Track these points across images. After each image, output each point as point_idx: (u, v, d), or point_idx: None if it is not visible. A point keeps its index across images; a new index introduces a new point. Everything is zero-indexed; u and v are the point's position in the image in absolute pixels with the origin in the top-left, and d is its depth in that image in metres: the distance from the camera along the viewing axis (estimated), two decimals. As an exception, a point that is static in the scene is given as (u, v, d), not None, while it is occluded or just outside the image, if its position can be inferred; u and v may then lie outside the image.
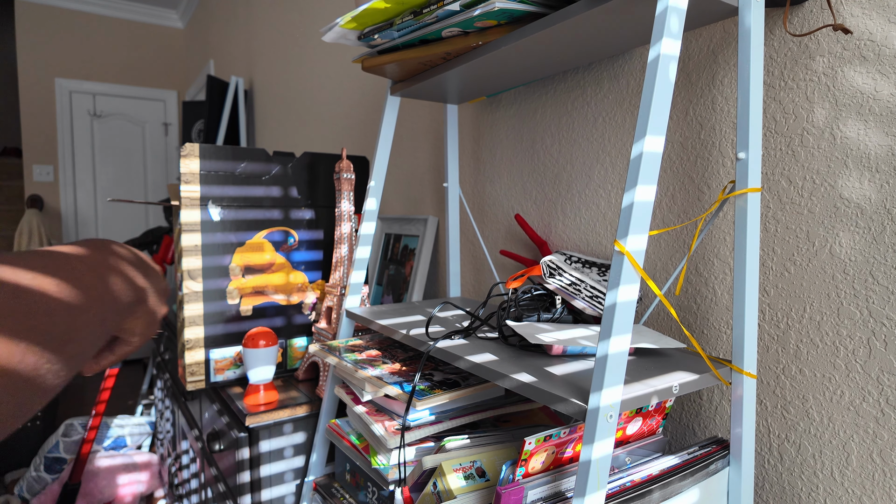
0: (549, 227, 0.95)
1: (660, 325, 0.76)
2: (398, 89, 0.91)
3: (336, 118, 1.79)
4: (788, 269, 0.62)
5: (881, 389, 0.55)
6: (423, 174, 1.31)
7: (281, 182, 1.11)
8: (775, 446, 0.64)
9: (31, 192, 3.56)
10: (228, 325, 1.06)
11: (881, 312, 0.54)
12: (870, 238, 0.55)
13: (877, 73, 0.54)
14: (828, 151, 0.59)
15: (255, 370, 0.95)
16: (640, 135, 0.47)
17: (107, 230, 3.81)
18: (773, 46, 0.63)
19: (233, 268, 1.06)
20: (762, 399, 0.65)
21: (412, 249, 1.24)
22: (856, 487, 0.57)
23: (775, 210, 0.64)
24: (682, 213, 0.74)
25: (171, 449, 1.64)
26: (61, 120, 3.65)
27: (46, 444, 1.89)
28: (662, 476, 0.54)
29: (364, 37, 0.78)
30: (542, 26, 0.63)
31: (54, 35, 3.64)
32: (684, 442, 0.74)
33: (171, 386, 1.58)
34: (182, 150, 1.01)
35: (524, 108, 1.00)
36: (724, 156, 0.69)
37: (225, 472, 1.01)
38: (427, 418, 0.71)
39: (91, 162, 3.76)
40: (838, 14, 0.57)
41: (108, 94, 3.82)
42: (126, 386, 3.21)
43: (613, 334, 0.45)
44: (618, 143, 0.82)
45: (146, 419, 2.12)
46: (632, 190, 0.46)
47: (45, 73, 3.62)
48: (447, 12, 0.65)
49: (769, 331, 0.64)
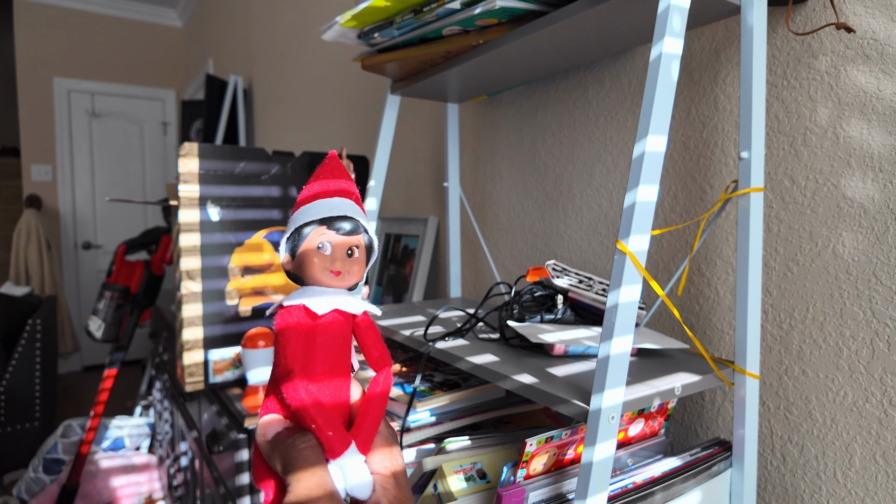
0: (551, 227, 0.95)
1: (662, 326, 0.76)
2: (398, 88, 0.91)
3: (336, 117, 1.78)
4: (791, 270, 0.62)
5: (884, 390, 0.54)
6: (424, 174, 1.31)
7: (280, 182, 1.11)
8: (778, 448, 0.64)
9: (30, 192, 3.55)
10: (227, 326, 1.06)
11: (884, 313, 0.54)
12: (873, 238, 0.55)
13: (880, 73, 0.54)
14: (831, 151, 0.58)
15: (254, 371, 0.94)
16: (642, 134, 0.46)
17: (105, 230, 3.80)
18: (776, 45, 0.63)
19: (232, 268, 1.06)
20: (765, 400, 0.65)
21: (412, 249, 1.23)
22: (859, 489, 0.57)
23: (778, 210, 0.63)
24: (685, 213, 0.73)
25: (169, 450, 1.63)
26: (60, 119, 3.64)
27: (45, 445, 1.89)
28: (664, 478, 0.54)
29: (364, 35, 0.77)
30: (543, 25, 0.62)
31: (53, 34, 3.63)
32: (686, 443, 0.74)
33: (169, 387, 1.58)
34: (181, 150, 1.00)
35: (525, 107, 1.00)
36: (726, 155, 0.68)
37: (224, 473, 1.00)
38: (427, 419, 0.70)
39: (89, 161, 3.75)
40: (841, 13, 0.57)
41: (107, 94, 3.81)
42: (125, 387, 3.21)
43: (615, 335, 0.45)
44: (619, 142, 0.82)
45: (145, 420, 2.12)
46: (634, 189, 0.46)
47: (43, 73, 3.61)
48: (448, 10, 0.65)
49: (772, 331, 0.64)
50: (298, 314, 0.26)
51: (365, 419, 0.27)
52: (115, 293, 1.76)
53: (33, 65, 3.57)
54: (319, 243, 0.26)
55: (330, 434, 0.25)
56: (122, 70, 3.88)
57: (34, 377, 2.26)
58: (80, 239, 3.73)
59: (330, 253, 0.26)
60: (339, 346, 0.27)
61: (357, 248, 0.27)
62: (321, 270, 0.26)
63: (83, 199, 3.73)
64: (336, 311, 0.27)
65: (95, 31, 3.78)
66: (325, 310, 0.26)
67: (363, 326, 0.28)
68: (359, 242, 0.27)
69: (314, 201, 0.27)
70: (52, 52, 3.63)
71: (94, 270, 3.77)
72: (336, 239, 0.26)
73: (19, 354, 2.22)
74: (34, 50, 3.58)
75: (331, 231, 0.26)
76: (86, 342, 3.76)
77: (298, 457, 0.25)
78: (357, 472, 0.25)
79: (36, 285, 3.36)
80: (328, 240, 0.26)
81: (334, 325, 0.27)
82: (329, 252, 0.26)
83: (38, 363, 2.27)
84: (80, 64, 3.72)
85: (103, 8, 3.78)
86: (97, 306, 1.77)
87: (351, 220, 0.26)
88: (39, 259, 3.38)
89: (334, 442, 0.25)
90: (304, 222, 0.26)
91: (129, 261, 1.81)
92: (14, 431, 2.20)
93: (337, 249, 0.26)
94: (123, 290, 1.76)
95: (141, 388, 2.49)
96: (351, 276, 0.27)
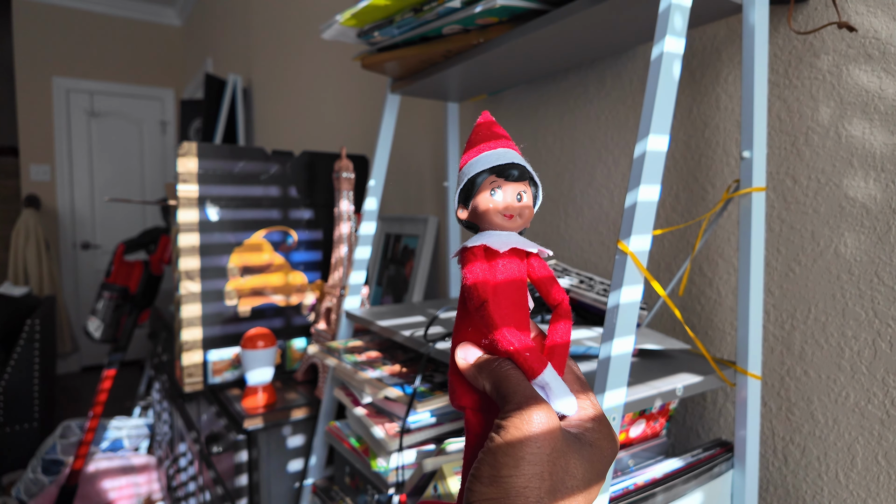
0: (551, 227, 0.95)
1: (663, 326, 0.76)
2: (398, 87, 0.90)
3: (335, 117, 1.78)
4: (793, 270, 0.62)
5: (886, 391, 0.54)
6: (424, 173, 1.30)
7: (280, 181, 1.10)
8: (780, 448, 0.64)
9: (28, 192, 3.55)
10: (226, 327, 1.06)
11: (886, 313, 0.54)
12: (875, 238, 0.55)
13: (882, 72, 0.54)
14: (833, 150, 0.58)
15: (253, 372, 0.94)
16: (643, 133, 0.46)
17: (104, 230, 3.80)
18: (778, 44, 0.63)
19: (231, 268, 1.05)
20: (766, 401, 0.65)
21: (412, 249, 1.23)
22: (861, 490, 0.56)
23: (780, 209, 0.63)
24: (686, 213, 0.73)
25: (168, 451, 1.63)
26: (58, 119, 3.63)
27: (44, 446, 1.88)
28: (666, 479, 0.53)
29: (364, 34, 0.77)
30: (543, 23, 0.62)
31: (52, 33, 3.62)
32: (688, 444, 0.73)
33: (168, 387, 1.57)
34: (179, 149, 1.00)
35: (526, 106, 0.99)
36: (728, 155, 0.68)
37: (223, 474, 1.00)
38: (428, 420, 0.70)
39: (88, 161, 3.74)
40: (843, 12, 0.57)
41: (106, 93, 3.80)
42: (123, 387, 3.20)
43: (616, 335, 0.44)
44: (621, 141, 0.82)
45: (144, 421, 2.11)
46: (635, 189, 0.45)
47: (42, 72, 3.60)
48: (448, 9, 0.65)
49: (774, 332, 0.64)
50: (481, 253, 0.29)
51: (552, 359, 0.29)
52: (113, 293, 1.75)
53: (32, 64, 3.57)
54: (492, 190, 0.28)
55: (528, 355, 0.27)
56: (120, 69, 3.87)
57: (33, 378, 2.26)
58: (78, 239, 3.72)
59: (502, 198, 0.28)
60: (518, 282, 0.30)
61: (525, 193, 0.29)
62: (495, 214, 0.29)
63: (82, 198, 3.72)
64: (513, 250, 0.29)
65: (94, 30, 3.77)
66: (504, 248, 0.28)
67: (537, 266, 0.30)
68: (526, 187, 0.29)
69: (482, 153, 0.29)
70: (51, 51, 3.62)
71: (92, 270, 3.77)
72: (507, 184, 0.28)
73: (18, 355, 2.21)
74: (33, 49, 3.57)
75: (500, 178, 0.28)
76: (85, 342, 3.75)
77: (508, 374, 0.27)
78: (561, 394, 0.27)
79: (34, 285, 3.35)
80: (500, 186, 0.28)
81: (513, 261, 0.29)
82: (501, 198, 0.28)
83: (37, 364, 2.27)
84: (78, 63, 3.71)
85: (102, 7, 3.77)
86: (96, 306, 1.76)
87: (518, 166, 0.29)
88: (38, 259, 3.38)
89: (532, 362, 0.27)
90: (476, 172, 0.29)
91: (127, 261, 1.80)
92: (13, 432, 2.19)
93: (508, 194, 0.29)
94: (122, 291, 1.76)
95: (140, 389, 2.48)
96: (522, 218, 0.29)
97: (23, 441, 2.21)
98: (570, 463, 0.25)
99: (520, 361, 0.27)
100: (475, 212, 0.29)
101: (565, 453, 0.25)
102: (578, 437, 0.27)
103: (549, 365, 0.28)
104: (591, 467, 0.26)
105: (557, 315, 0.30)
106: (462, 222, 0.31)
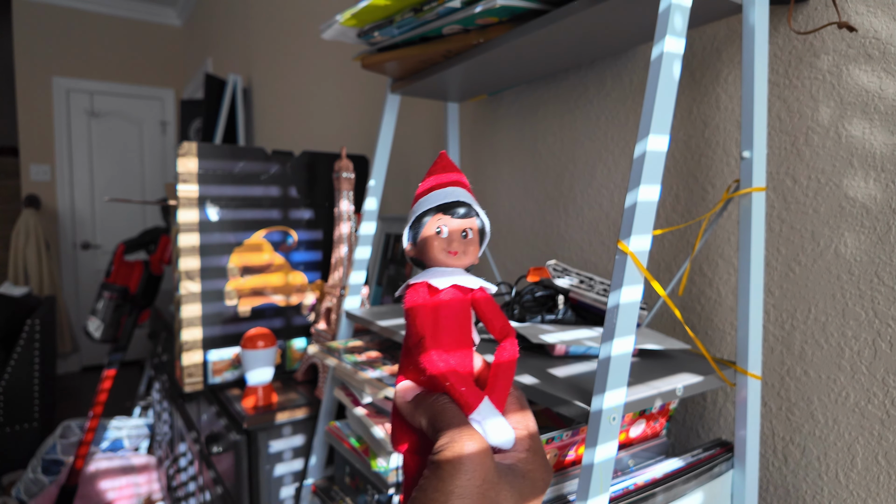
0: (551, 227, 0.95)
1: (663, 326, 0.76)
2: (398, 87, 0.90)
3: (335, 117, 1.78)
4: (793, 270, 0.62)
5: (886, 391, 0.54)
6: (424, 173, 1.30)
7: (280, 181, 1.10)
8: (780, 448, 0.64)
9: (28, 192, 3.55)
10: (226, 327, 1.06)
11: (887, 313, 0.54)
12: (875, 238, 0.55)
13: (882, 72, 0.54)
14: (833, 150, 0.58)
15: (253, 372, 0.94)
16: (643, 133, 0.46)
17: (104, 230, 3.80)
18: (778, 44, 0.63)
19: (231, 268, 1.05)
20: (766, 401, 0.65)
21: (412, 249, 1.23)
22: (861, 490, 0.56)
23: (780, 210, 0.63)
24: (686, 213, 0.73)
25: (168, 451, 1.63)
26: (58, 119, 3.63)
27: (44, 446, 1.89)
28: (666, 479, 0.53)
29: (364, 34, 0.77)
30: (544, 23, 0.62)
31: (52, 33, 3.63)
32: (688, 444, 0.73)
33: (168, 387, 1.57)
34: (179, 149, 1.00)
35: (526, 106, 0.99)
36: (728, 155, 0.68)
37: (223, 474, 1.00)
38: (427, 420, 0.70)
39: (88, 161, 3.74)
40: (843, 11, 0.57)
41: (106, 93, 3.80)
42: (123, 387, 3.20)
43: (616, 336, 0.44)
44: (621, 141, 0.82)
45: (144, 421, 2.11)
46: (635, 189, 0.45)
47: (42, 72, 3.60)
48: (448, 9, 0.65)
49: (774, 332, 0.64)
50: (423, 291, 0.29)
51: (496, 382, 0.29)
52: (113, 293, 1.75)
53: (32, 64, 3.57)
54: (437, 227, 0.29)
55: (462, 390, 0.27)
56: (120, 69, 3.87)
57: (33, 378, 2.26)
58: (78, 239, 3.72)
59: (447, 235, 0.29)
60: (460, 319, 0.30)
61: (471, 230, 0.30)
62: (440, 251, 0.29)
63: (82, 198, 3.72)
64: (455, 287, 0.30)
65: (94, 30, 3.77)
66: (445, 285, 0.29)
67: (481, 301, 0.31)
68: (472, 225, 0.30)
69: (430, 193, 0.30)
70: (51, 51, 3.62)
71: (92, 270, 3.77)
72: (452, 222, 0.29)
73: (18, 355, 2.21)
74: (33, 49, 3.57)
75: (447, 216, 0.29)
76: (85, 342, 3.75)
77: (444, 409, 0.27)
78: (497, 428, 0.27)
79: (35, 285, 3.35)
80: (445, 224, 0.29)
81: (454, 299, 0.30)
82: (446, 235, 0.29)
83: (37, 363, 2.27)
84: (78, 63, 3.71)
85: (102, 7, 3.77)
86: (96, 306, 1.76)
87: (464, 205, 0.30)
88: (38, 259, 3.38)
89: (468, 396, 0.27)
90: (422, 211, 0.29)
91: (127, 261, 1.80)
92: (13, 432, 2.19)
93: (453, 232, 0.29)
94: (122, 291, 1.76)
95: (140, 389, 2.48)
96: (467, 256, 0.30)
97: (23, 441, 2.21)
98: (501, 495, 0.25)
99: (455, 396, 0.28)
100: (421, 248, 0.30)
101: (496, 484, 0.25)
102: (511, 468, 0.27)
103: (485, 399, 0.28)
104: (521, 499, 0.26)
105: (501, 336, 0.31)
106: (410, 259, 0.31)
